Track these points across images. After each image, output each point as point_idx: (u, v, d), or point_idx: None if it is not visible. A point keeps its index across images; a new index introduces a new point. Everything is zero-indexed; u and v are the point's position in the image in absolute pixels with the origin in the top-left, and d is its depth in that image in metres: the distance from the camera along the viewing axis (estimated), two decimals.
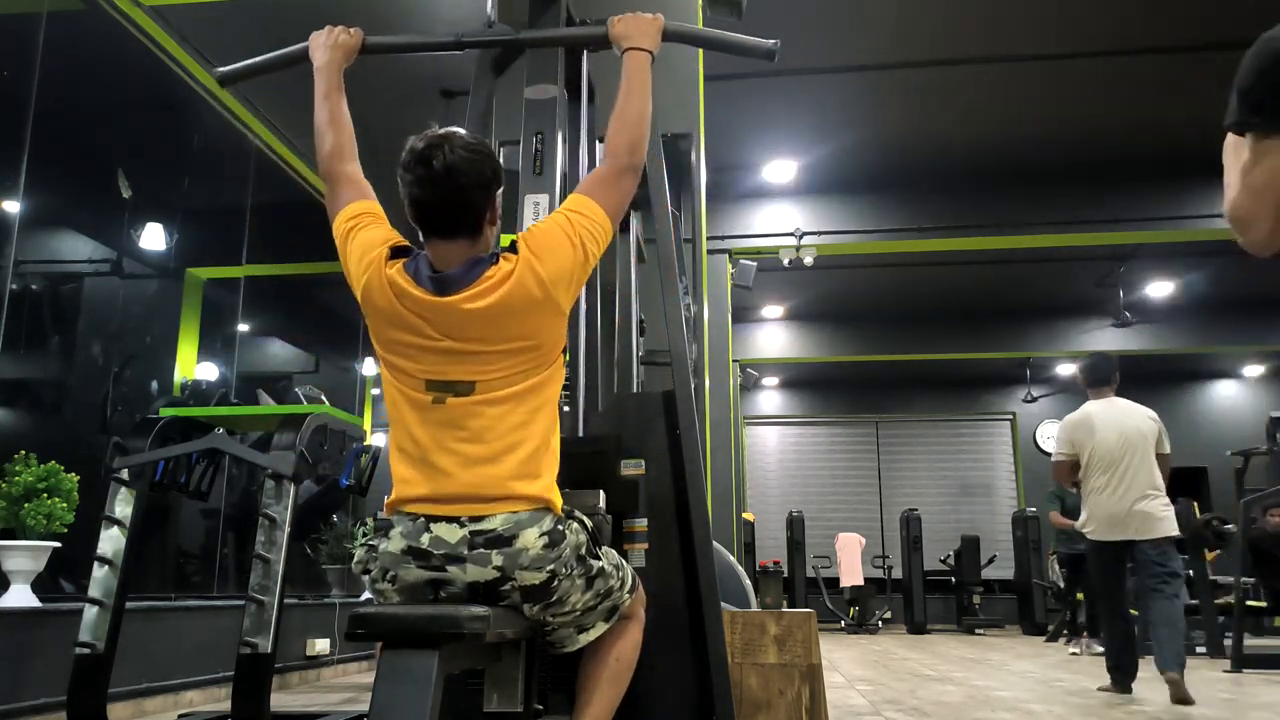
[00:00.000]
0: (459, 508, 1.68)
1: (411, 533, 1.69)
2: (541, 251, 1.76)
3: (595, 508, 2.01)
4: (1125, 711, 4.15)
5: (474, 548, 1.66)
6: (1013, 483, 14.78)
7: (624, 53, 2.06)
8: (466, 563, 1.66)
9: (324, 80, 2.11)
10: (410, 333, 1.73)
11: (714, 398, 7.83)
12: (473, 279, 1.72)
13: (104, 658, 2.85)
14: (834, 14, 6.42)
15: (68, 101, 4.48)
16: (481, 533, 1.66)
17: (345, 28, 2.19)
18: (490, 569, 1.66)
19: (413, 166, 1.72)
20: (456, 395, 1.71)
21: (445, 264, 1.75)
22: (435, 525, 1.68)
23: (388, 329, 1.76)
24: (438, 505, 1.69)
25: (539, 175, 2.33)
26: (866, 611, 12.38)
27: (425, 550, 1.67)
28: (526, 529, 1.68)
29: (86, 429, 4.72)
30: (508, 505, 1.68)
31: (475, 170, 1.73)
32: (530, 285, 1.73)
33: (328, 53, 2.14)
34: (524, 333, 1.74)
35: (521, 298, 1.72)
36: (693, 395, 2.43)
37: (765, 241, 9.17)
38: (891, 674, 5.98)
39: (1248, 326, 12.19)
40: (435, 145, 1.72)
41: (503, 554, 1.66)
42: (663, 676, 2.23)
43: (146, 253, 5.26)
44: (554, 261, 1.76)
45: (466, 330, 1.71)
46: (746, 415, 15.11)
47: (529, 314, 1.73)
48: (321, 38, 2.18)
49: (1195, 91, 7.44)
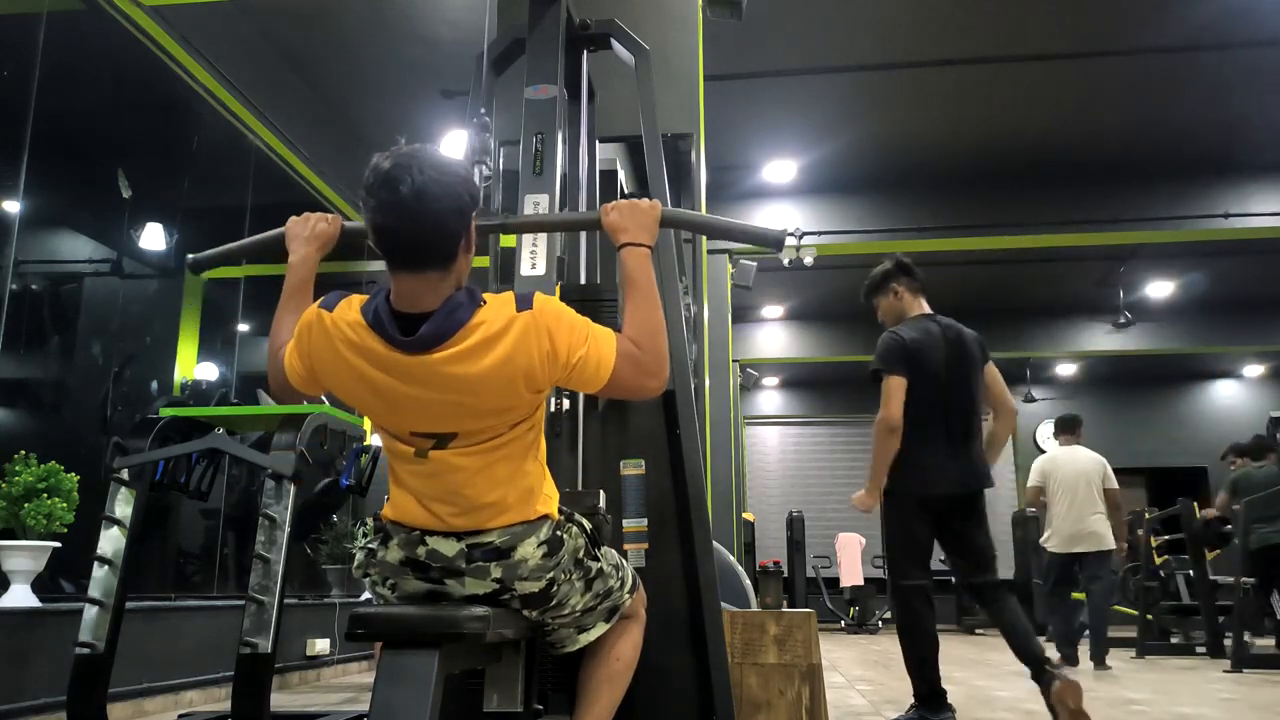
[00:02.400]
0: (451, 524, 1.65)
1: (408, 544, 1.65)
2: (558, 337, 1.59)
3: (595, 507, 2.01)
4: (1125, 711, 4.15)
5: (471, 561, 1.63)
6: (1013, 483, 14.78)
7: (620, 249, 1.84)
8: (465, 576, 1.64)
9: (299, 275, 1.91)
10: (376, 396, 1.58)
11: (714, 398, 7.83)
12: (451, 330, 1.52)
13: (104, 658, 2.84)
14: (834, 14, 6.41)
15: (68, 101, 4.48)
16: (479, 545, 1.63)
17: (323, 215, 1.98)
18: (489, 581, 1.64)
19: (377, 190, 1.50)
20: (438, 448, 1.59)
21: (412, 302, 1.55)
22: (431, 539, 1.64)
23: (353, 393, 1.61)
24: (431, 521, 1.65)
25: (539, 175, 2.32)
26: (866, 611, 12.38)
27: (423, 563, 1.65)
28: (524, 540, 1.65)
29: (86, 429, 4.72)
30: (505, 521, 1.66)
31: (449, 194, 1.52)
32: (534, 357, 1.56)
33: (304, 245, 1.93)
34: (509, 400, 1.59)
35: (519, 366, 1.55)
36: (693, 395, 2.43)
37: None
38: (891, 674, 5.98)
39: (1248, 326, 12.20)
40: (403, 166, 1.49)
41: (501, 566, 1.64)
42: (663, 676, 2.23)
43: (146, 253, 5.26)
44: (565, 351, 1.60)
45: (446, 390, 1.54)
46: (746, 415, 15.11)
47: (516, 390, 1.57)
48: (299, 227, 1.96)
49: (1195, 91, 7.45)
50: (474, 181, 1.61)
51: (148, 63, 5.11)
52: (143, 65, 5.12)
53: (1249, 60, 6.96)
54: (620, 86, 3.10)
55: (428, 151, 1.54)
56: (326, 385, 1.67)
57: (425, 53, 6.12)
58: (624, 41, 2.70)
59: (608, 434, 2.41)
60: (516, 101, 2.43)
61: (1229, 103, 7.62)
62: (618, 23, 2.72)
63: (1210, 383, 14.95)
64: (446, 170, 1.53)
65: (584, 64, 2.73)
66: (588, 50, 2.75)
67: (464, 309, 1.54)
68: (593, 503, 2.02)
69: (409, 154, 1.52)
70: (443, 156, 1.55)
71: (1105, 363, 14.01)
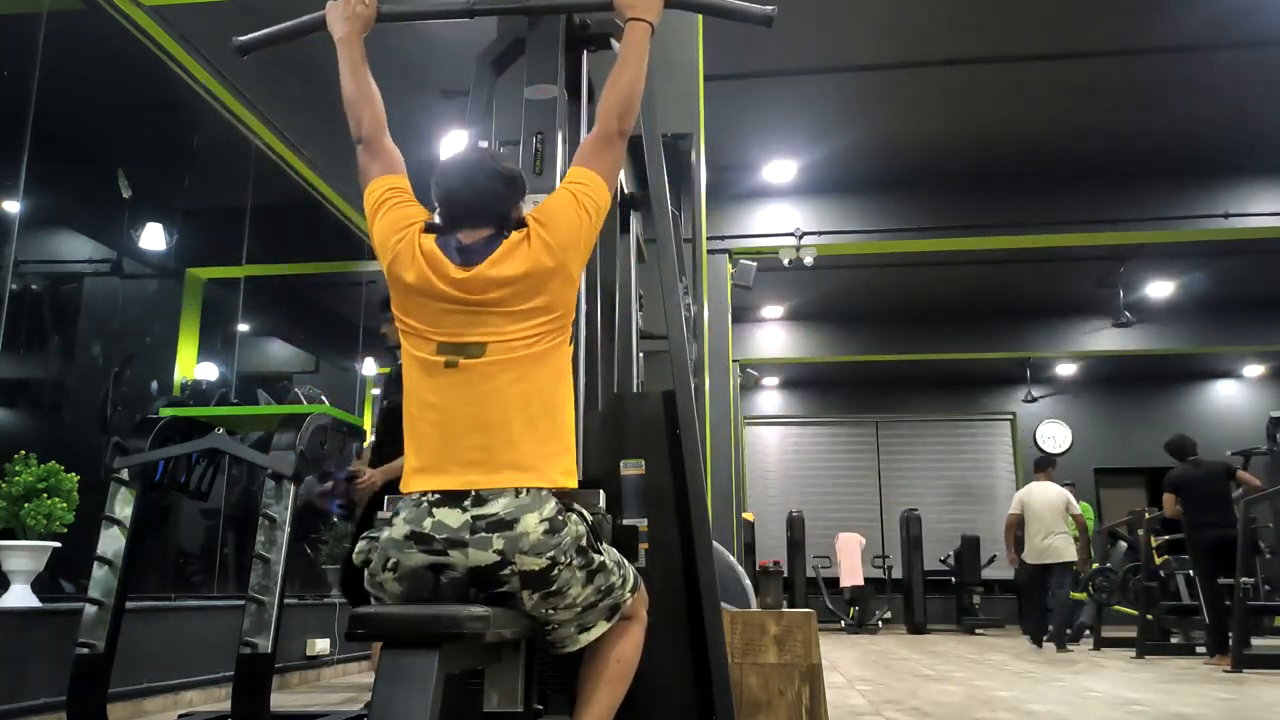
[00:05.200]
0: (464, 478, 1.72)
1: (415, 517, 1.72)
2: (549, 220, 1.88)
3: (595, 507, 2.01)
4: (1125, 711, 4.15)
5: (475, 531, 1.69)
6: (1013, 483, 14.76)
7: (626, 22, 2.12)
8: (468, 547, 1.69)
9: (348, 52, 2.14)
10: (433, 298, 1.83)
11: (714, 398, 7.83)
12: (492, 249, 1.84)
13: (104, 658, 2.85)
14: (834, 14, 6.41)
15: (68, 101, 4.48)
16: (483, 516, 1.70)
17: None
18: (491, 553, 1.68)
19: (444, 168, 1.90)
20: (468, 358, 1.78)
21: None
22: (438, 510, 1.71)
23: (411, 295, 1.85)
24: (442, 476, 1.74)
25: (539, 175, 2.32)
26: (866, 611, 12.39)
27: (428, 535, 1.70)
28: (528, 513, 1.70)
29: (86, 429, 4.72)
30: (512, 476, 1.72)
31: (504, 171, 1.90)
32: (541, 252, 1.84)
33: (346, 24, 2.17)
34: (538, 293, 1.83)
35: (535, 262, 1.83)
36: (693, 395, 2.43)
37: (765, 241, 9.17)
38: (891, 674, 5.98)
39: (1248, 326, 12.20)
40: (471, 151, 1.97)
41: (504, 537, 1.68)
42: (663, 676, 2.23)
43: (146, 253, 5.26)
44: (562, 228, 1.87)
45: (487, 292, 1.81)
46: (746, 415, 15.11)
47: (543, 278, 1.84)
48: (339, 9, 2.19)
49: (1195, 91, 7.45)
50: (519, 172, 1.96)
51: (148, 63, 5.11)
52: (143, 65, 5.11)
53: (1249, 60, 6.96)
54: None
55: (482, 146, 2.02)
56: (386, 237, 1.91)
57: (425, 53, 6.12)
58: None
59: (607, 434, 2.41)
60: (516, 101, 2.43)
61: (1229, 103, 7.62)
62: (618, 23, 2.71)
63: (1210, 383, 14.95)
64: (497, 155, 1.96)
65: (584, 64, 2.73)
66: (588, 50, 2.75)
67: (499, 238, 1.87)
68: (593, 503, 2.02)
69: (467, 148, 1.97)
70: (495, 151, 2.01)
71: (1105, 363, 14.01)
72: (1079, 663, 7.01)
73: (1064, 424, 14.97)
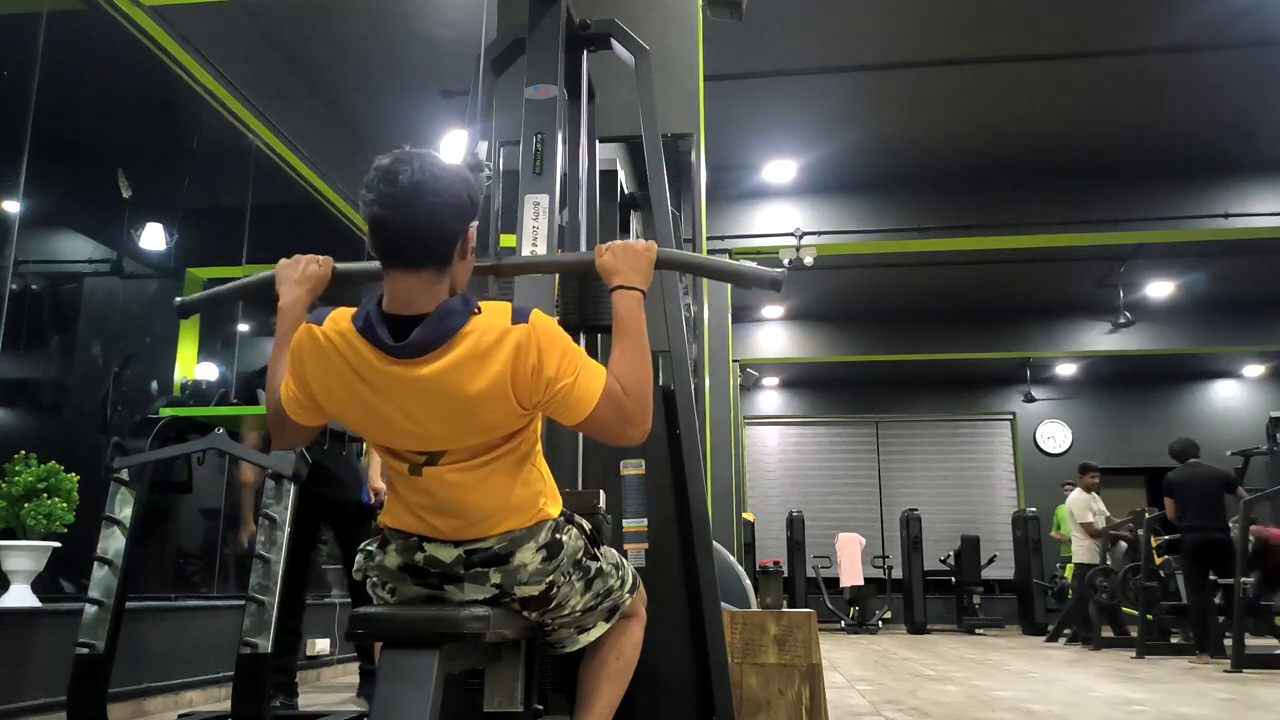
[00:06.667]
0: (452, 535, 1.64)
1: (405, 550, 1.65)
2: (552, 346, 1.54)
3: (595, 507, 2.01)
4: (1125, 711, 4.15)
5: (470, 566, 1.62)
6: (1013, 483, 14.78)
7: (612, 291, 1.78)
8: (464, 582, 1.63)
9: (289, 322, 1.79)
10: (368, 412, 1.55)
11: (714, 398, 7.83)
12: (443, 336, 1.49)
13: (104, 658, 2.85)
14: (834, 14, 6.41)
15: (68, 101, 4.48)
16: (477, 551, 1.62)
17: (314, 257, 1.91)
18: (489, 587, 1.63)
19: (376, 184, 1.50)
20: (430, 465, 1.57)
21: (407, 303, 1.53)
22: (429, 545, 1.64)
23: (347, 409, 1.58)
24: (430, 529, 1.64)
25: (539, 175, 2.32)
26: (866, 611, 12.38)
27: (421, 568, 1.65)
28: (523, 545, 1.64)
29: (86, 429, 4.72)
30: (505, 527, 1.64)
31: (448, 190, 1.51)
32: (522, 368, 1.52)
33: (295, 288, 1.85)
34: (496, 420, 1.55)
35: (509, 380, 1.51)
36: (693, 395, 2.43)
37: (765, 241, 9.17)
38: (891, 674, 5.98)
39: (1248, 326, 12.20)
40: (403, 161, 1.50)
41: (501, 571, 1.63)
42: (663, 676, 2.23)
43: (146, 253, 5.26)
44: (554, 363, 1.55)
45: (434, 404, 1.51)
46: (746, 415, 15.11)
47: (509, 401, 1.53)
48: (289, 269, 1.88)
49: (1195, 91, 7.44)
50: (475, 186, 1.58)
51: (148, 63, 5.11)
52: (143, 65, 5.11)
53: (1249, 60, 6.96)
54: (620, 86, 3.10)
55: (429, 153, 1.54)
56: (324, 404, 1.61)
57: (425, 53, 6.12)
58: (624, 41, 2.70)
59: None
60: (516, 101, 2.43)
61: (1229, 103, 7.62)
62: (618, 23, 2.72)
63: (1210, 383, 14.95)
64: (447, 170, 1.53)
65: (584, 64, 2.73)
66: (588, 50, 2.75)
67: (457, 315, 1.51)
68: (593, 503, 2.02)
69: (410, 153, 1.53)
70: (444, 160, 1.55)
71: (1105, 363, 14.01)
72: (1079, 662, 7.00)
73: (1064, 424, 14.97)
